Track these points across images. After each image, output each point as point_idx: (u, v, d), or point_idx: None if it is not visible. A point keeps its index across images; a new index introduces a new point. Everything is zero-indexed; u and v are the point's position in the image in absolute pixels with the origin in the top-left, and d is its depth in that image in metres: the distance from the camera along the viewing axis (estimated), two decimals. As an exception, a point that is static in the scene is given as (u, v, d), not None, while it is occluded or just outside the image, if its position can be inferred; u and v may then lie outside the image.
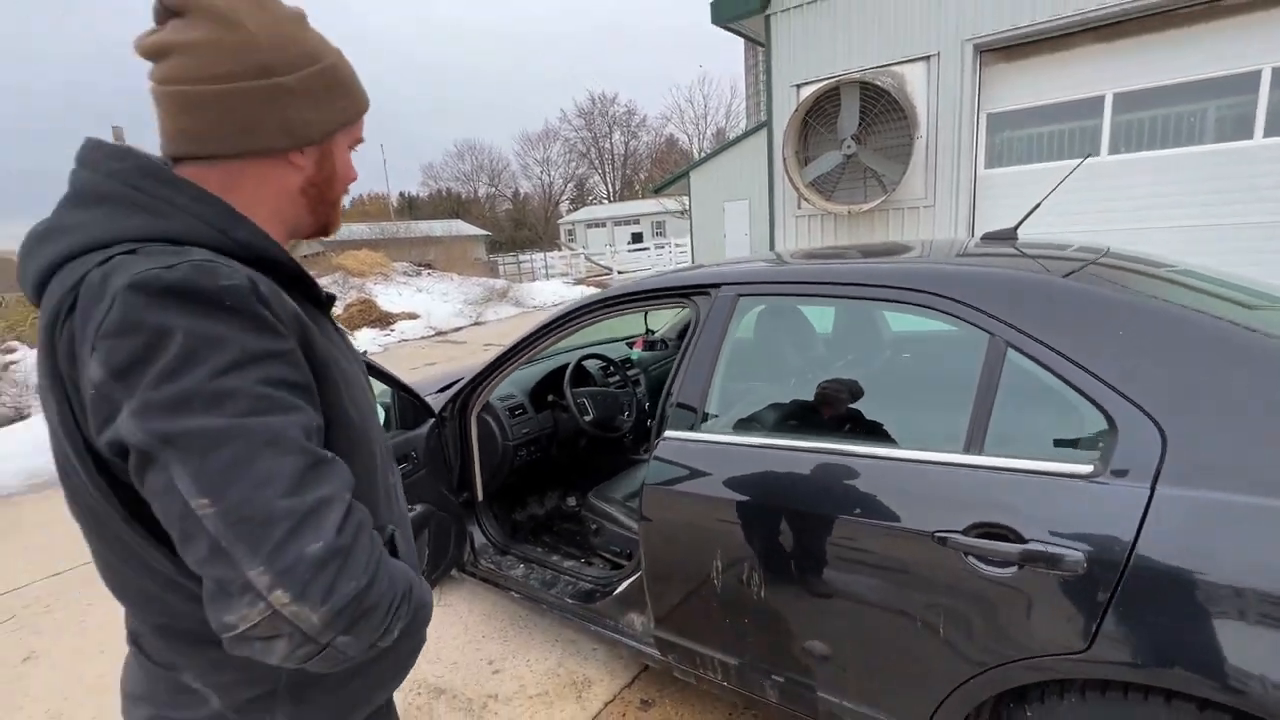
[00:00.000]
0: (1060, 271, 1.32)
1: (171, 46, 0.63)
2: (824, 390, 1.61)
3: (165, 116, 0.65)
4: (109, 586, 0.70)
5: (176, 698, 0.69)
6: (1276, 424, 1.02)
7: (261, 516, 0.52)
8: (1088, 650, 1.07)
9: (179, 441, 0.52)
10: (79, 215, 0.61)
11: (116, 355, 0.52)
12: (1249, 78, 4.63)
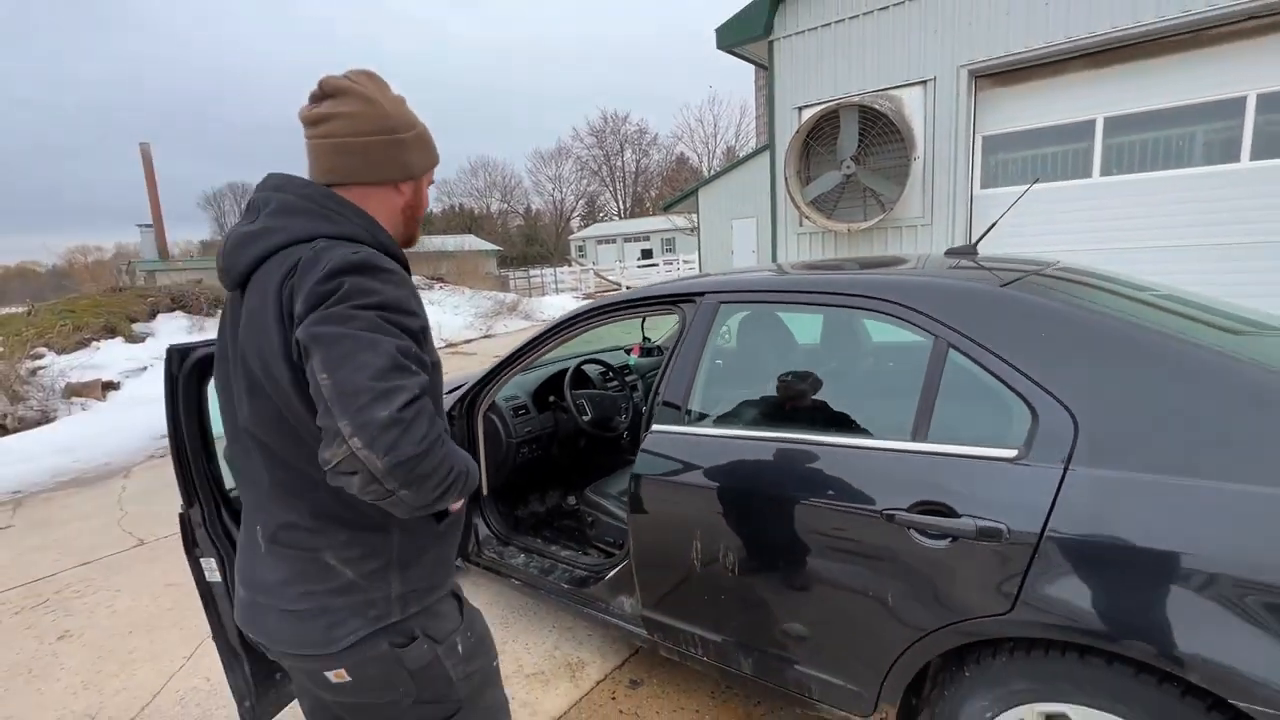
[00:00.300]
0: (999, 281, 1.49)
1: (331, 115, 0.97)
2: (783, 383, 1.78)
3: (324, 157, 0.98)
4: (279, 494, 0.97)
5: (321, 574, 0.96)
6: (1165, 411, 1.17)
7: (352, 389, 0.78)
8: (1010, 612, 1.22)
9: (318, 337, 0.81)
10: (285, 221, 0.93)
11: (312, 297, 0.84)
12: (1235, 103, 4.79)
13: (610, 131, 51.67)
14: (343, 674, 0.98)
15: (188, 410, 1.47)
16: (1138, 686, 1.14)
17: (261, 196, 0.97)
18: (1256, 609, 1.02)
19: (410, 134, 1.03)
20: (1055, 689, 1.23)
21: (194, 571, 1.64)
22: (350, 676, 0.98)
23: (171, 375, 1.43)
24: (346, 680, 0.99)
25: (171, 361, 1.44)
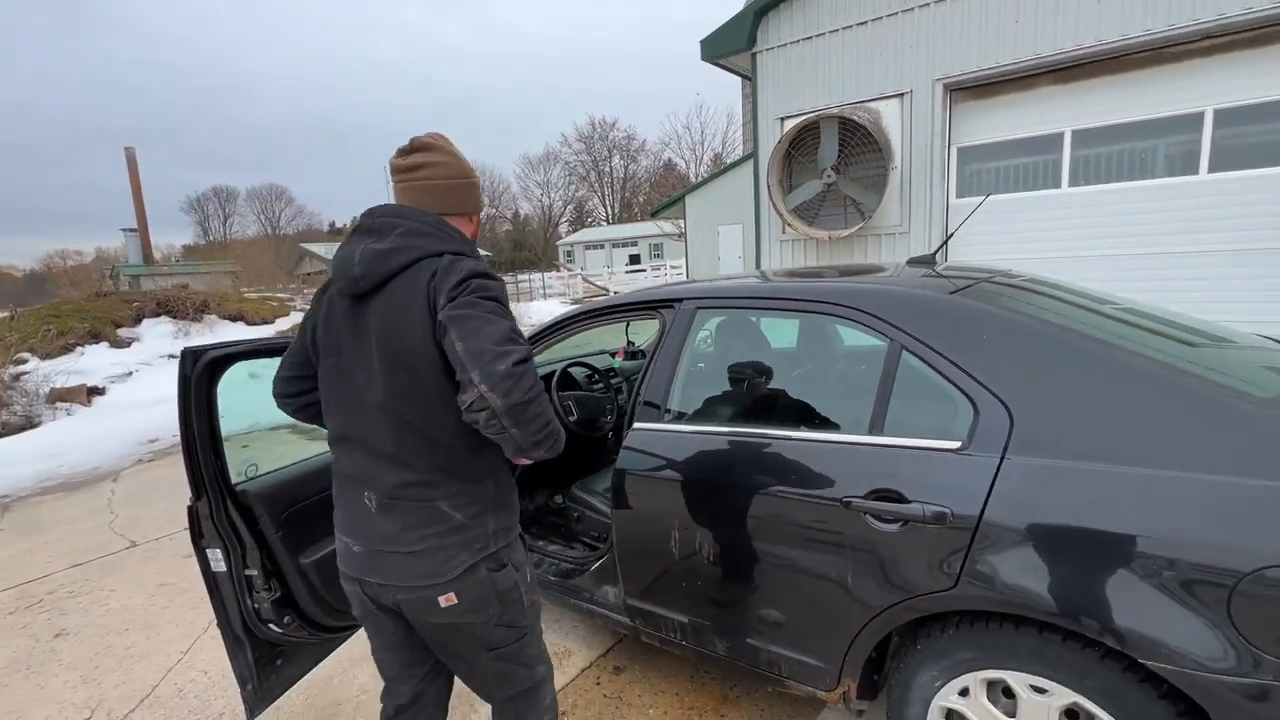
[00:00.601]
0: (950, 289, 1.63)
1: (425, 164, 1.28)
2: (752, 383, 1.91)
3: (428, 195, 1.28)
4: (404, 456, 1.22)
5: (436, 519, 1.23)
6: (1086, 404, 1.31)
7: (479, 350, 1.09)
8: (954, 587, 1.35)
9: (454, 317, 1.12)
10: (416, 241, 1.21)
11: (451, 293, 1.14)
12: (1193, 118, 5.02)
13: (598, 137, 51.90)
14: (452, 598, 1.24)
15: (199, 409, 1.57)
16: (1065, 652, 1.27)
17: (384, 222, 1.23)
18: (1161, 579, 1.15)
19: (476, 179, 1.38)
20: (995, 657, 1.36)
21: (200, 561, 1.73)
22: (457, 600, 1.25)
23: (185, 376, 1.53)
24: (454, 603, 1.25)
25: (185, 363, 1.54)
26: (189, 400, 1.55)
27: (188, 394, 1.54)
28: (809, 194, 6.62)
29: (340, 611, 1.93)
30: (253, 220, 60.97)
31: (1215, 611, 1.11)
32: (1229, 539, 1.12)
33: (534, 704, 1.41)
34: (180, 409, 1.55)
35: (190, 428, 1.57)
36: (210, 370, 1.57)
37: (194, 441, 1.58)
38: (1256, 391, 1.31)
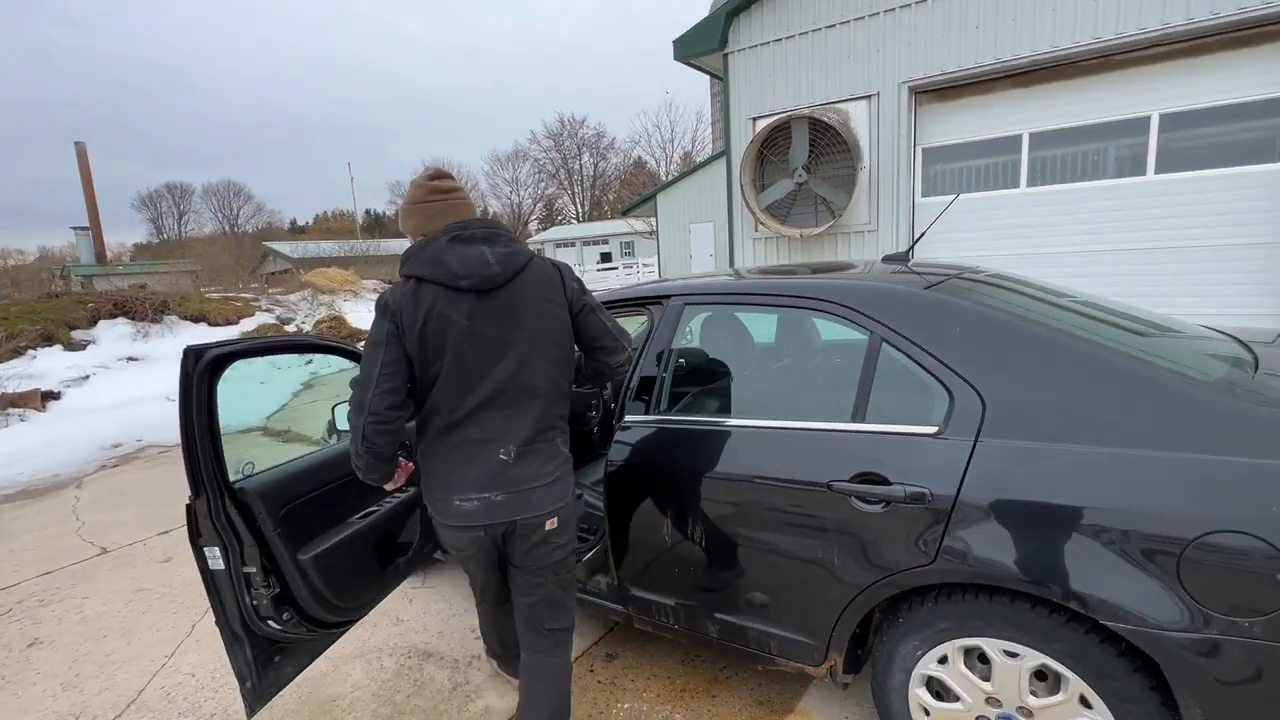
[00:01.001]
0: (924, 284, 1.73)
1: (457, 184, 1.64)
2: (721, 365, 1.99)
3: (471, 209, 1.62)
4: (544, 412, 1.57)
5: (558, 455, 1.62)
6: (1054, 391, 1.42)
7: (617, 327, 1.68)
8: (934, 562, 1.45)
9: (591, 304, 1.65)
10: (518, 246, 1.56)
11: (576, 283, 1.64)
12: (1141, 122, 5.30)
13: (568, 135, 51.65)
14: (554, 521, 1.58)
15: (199, 407, 1.57)
16: (1033, 618, 1.38)
17: (490, 231, 1.54)
18: (1119, 548, 1.27)
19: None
20: (970, 626, 1.47)
21: (198, 560, 1.74)
22: (557, 523, 1.59)
23: (187, 374, 1.54)
24: (554, 526, 1.59)
25: (188, 361, 1.54)
26: (190, 398, 1.55)
27: (189, 392, 1.55)
28: (781, 193, 6.76)
29: (338, 607, 1.95)
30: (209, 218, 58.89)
31: (1167, 575, 1.22)
32: (1176, 509, 1.23)
33: (567, 647, 1.73)
34: (181, 407, 1.56)
35: (191, 426, 1.58)
36: (212, 369, 1.58)
37: (194, 440, 1.59)
38: (1201, 376, 1.44)
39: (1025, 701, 1.43)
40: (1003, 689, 1.45)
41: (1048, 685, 1.42)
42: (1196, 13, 4.78)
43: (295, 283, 12.71)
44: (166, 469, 5.31)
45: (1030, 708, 1.43)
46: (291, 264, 14.24)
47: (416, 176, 1.79)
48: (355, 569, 2.02)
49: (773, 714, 1.97)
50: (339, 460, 2.06)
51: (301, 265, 14.66)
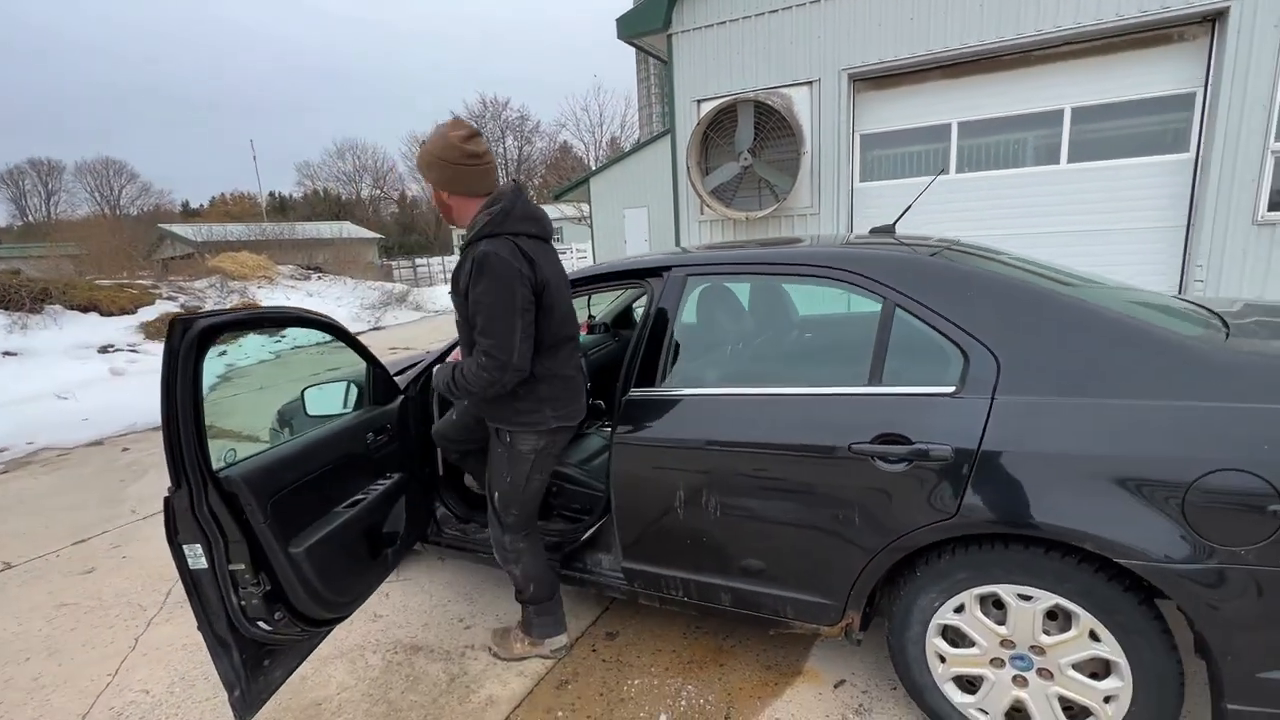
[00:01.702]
0: (926, 253, 1.79)
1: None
2: (729, 335, 2.00)
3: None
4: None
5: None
6: (1064, 348, 1.51)
7: None
8: (956, 515, 1.52)
9: None
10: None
11: None
12: (1055, 114, 5.73)
13: (490, 117, 49.93)
14: None
15: (184, 385, 1.40)
16: (1047, 562, 1.48)
17: (520, 190, 1.79)
18: (1128, 491, 1.37)
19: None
20: (988, 574, 1.55)
21: (176, 559, 1.56)
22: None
23: (173, 349, 1.36)
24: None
25: (174, 334, 1.37)
26: (175, 375, 1.38)
27: (174, 369, 1.37)
28: (726, 176, 6.84)
29: (332, 602, 1.81)
30: (84, 198, 52.83)
31: (1174, 513, 1.33)
32: (1179, 452, 1.34)
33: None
34: (164, 386, 1.38)
35: (174, 407, 1.40)
36: (200, 342, 1.41)
37: (177, 423, 1.41)
38: (1189, 332, 1.56)
39: (1038, 640, 1.53)
40: (1017, 631, 1.55)
41: (1058, 624, 1.52)
42: (1104, 14, 5.21)
43: (200, 268, 11.62)
44: (69, 473, 4.75)
45: (1043, 646, 1.53)
46: (194, 248, 13.00)
47: (447, 131, 1.68)
48: (348, 561, 1.89)
49: (782, 677, 2.01)
50: (325, 445, 1.91)
51: (206, 249, 13.43)
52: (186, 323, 1.40)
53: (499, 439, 1.94)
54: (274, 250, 13.79)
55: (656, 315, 2.01)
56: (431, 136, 1.78)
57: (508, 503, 1.99)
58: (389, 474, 2.20)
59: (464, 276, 1.72)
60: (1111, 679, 1.47)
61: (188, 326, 1.40)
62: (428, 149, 1.76)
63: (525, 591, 2.08)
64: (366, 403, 2.27)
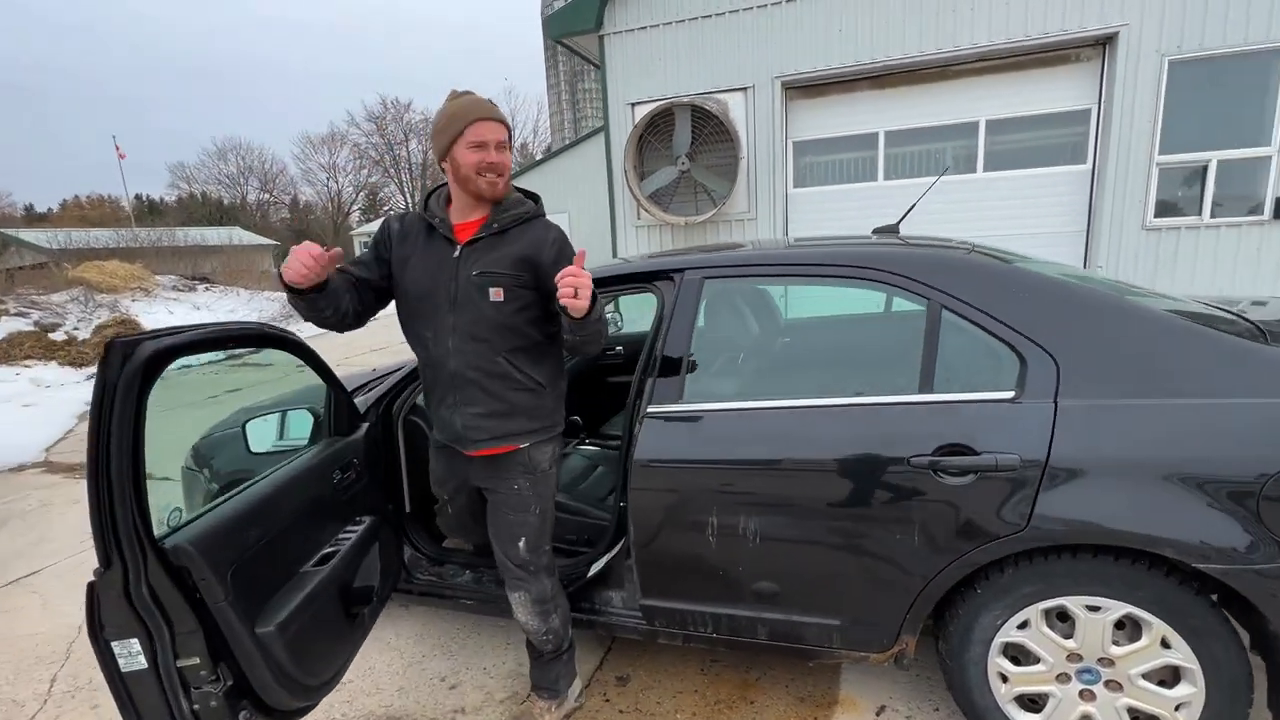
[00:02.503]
0: (964, 252, 1.72)
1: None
2: (760, 343, 1.85)
3: None
4: None
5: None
6: (1120, 349, 1.47)
7: None
8: (1027, 527, 1.43)
9: None
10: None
11: None
12: (971, 126, 6.09)
13: (392, 119, 47.58)
14: None
15: (122, 428, 1.05)
16: (1117, 570, 1.42)
17: None
18: (1202, 493, 1.34)
19: (435, 125, 1.58)
20: (1055, 586, 1.48)
21: (103, 663, 1.18)
22: None
23: (107, 381, 1.02)
24: None
25: (113, 361, 1.01)
26: (108, 416, 1.02)
27: (108, 408, 1.02)
28: (664, 180, 6.75)
29: (307, 687, 1.48)
30: (-110, 201, 44.95)
31: (1249, 514, 1.31)
32: (1249, 451, 1.32)
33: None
34: (93, 430, 1.02)
35: (106, 458, 1.04)
36: (145, 372, 1.06)
37: (108, 479, 1.06)
38: (1233, 330, 1.56)
39: (1108, 652, 1.47)
40: (1085, 643, 1.49)
41: (1126, 633, 1.47)
42: (1013, 34, 5.59)
43: (58, 279, 10.05)
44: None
45: (1112, 657, 1.47)
46: (47, 256, 11.23)
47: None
48: (322, 632, 1.55)
49: (819, 708, 1.87)
50: (288, 490, 1.56)
51: (63, 258, 11.69)
52: (129, 346, 1.06)
53: (516, 467, 1.67)
54: (150, 259, 12.18)
55: (674, 323, 1.82)
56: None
57: (539, 541, 1.73)
58: (359, 518, 1.86)
59: (549, 246, 1.59)
60: (1183, 686, 1.44)
61: (130, 351, 1.05)
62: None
63: (565, 640, 1.83)
64: (327, 433, 1.91)
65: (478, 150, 1.52)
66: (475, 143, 1.51)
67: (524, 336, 1.61)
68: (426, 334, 1.63)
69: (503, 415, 1.62)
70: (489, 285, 1.56)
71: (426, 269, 1.60)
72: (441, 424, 1.70)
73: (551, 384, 1.70)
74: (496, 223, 1.59)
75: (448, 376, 1.62)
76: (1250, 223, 5.31)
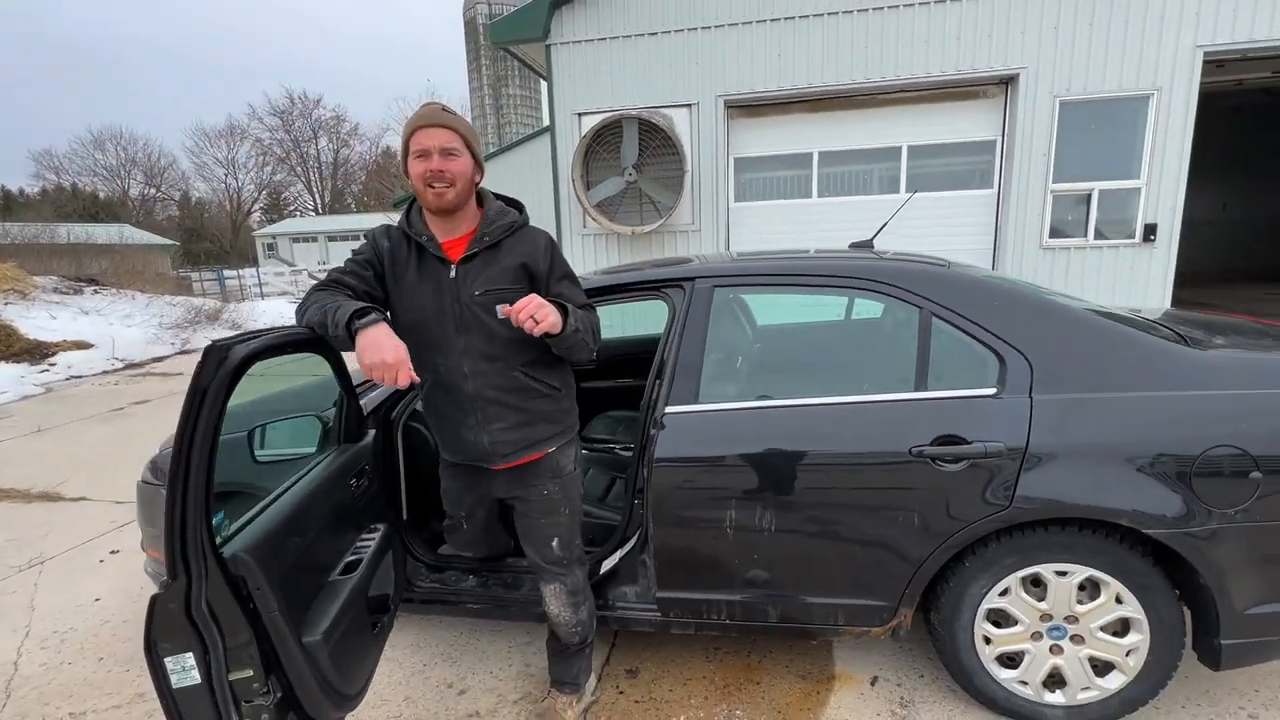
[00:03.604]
0: (943, 266, 1.95)
1: None
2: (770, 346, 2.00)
3: None
4: None
5: None
6: (1080, 350, 1.73)
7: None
8: (1010, 506, 1.65)
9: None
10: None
11: None
12: (895, 150, 6.63)
13: (299, 114, 44.95)
14: None
15: (204, 436, 1.02)
16: (1081, 539, 1.67)
17: None
18: (1150, 469, 1.60)
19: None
20: (1031, 556, 1.71)
21: (156, 679, 1.14)
22: None
23: (200, 388, 0.98)
24: None
25: (207, 365, 0.98)
26: (196, 422, 1.00)
27: (196, 412, 0.99)
28: (611, 190, 6.86)
29: (347, 697, 1.46)
30: None
31: (1185, 486, 1.58)
32: (1186, 433, 1.60)
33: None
34: (180, 436, 0.99)
35: (187, 467, 1.01)
36: (233, 377, 1.03)
37: (184, 489, 1.02)
38: (1164, 335, 1.86)
39: (1073, 610, 1.72)
40: (1055, 604, 1.72)
41: (1088, 594, 1.72)
42: (931, 69, 6.16)
43: (-90, 280, 8.79)
44: None
45: (1077, 614, 1.72)
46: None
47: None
48: (356, 641, 1.53)
49: (819, 683, 2.02)
50: (318, 496, 1.54)
51: (-86, 255, 10.21)
52: (223, 349, 1.03)
53: (545, 473, 1.70)
54: (28, 257, 10.83)
55: (687, 328, 1.93)
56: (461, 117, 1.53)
57: (571, 537, 1.78)
58: (373, 526, 1.83)
59: (543, 254, 1.59)
60: (1132, 635, 1.70)
61: (224, 355, 1.03)
62: (471, 129, 1.54)
63: (590, 633, 1.87)
64: (337, 440, 1.87)
65: (421, 160, 1.46)
66: (418, 152, 1.46)
67: (535, 347, 1.59)
68: (436, 359, 1.58)
69: (527, 425, 1.64)
70: (494, 303, 1.53)
71: (425, 293, 1.55)
72: (460, 445, 1.68)
73: (566, 386, 1.73)
74: (487, 235, 1.56)
75: (466, 399, 1.60)
76: (1125, 244, 6.12)
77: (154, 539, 2.14)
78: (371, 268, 1.58)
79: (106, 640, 2.44)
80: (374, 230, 1.62)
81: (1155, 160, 5.86)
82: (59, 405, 6.61)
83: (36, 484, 4.20)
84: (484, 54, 25.27)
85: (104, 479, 4.23)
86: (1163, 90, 5.72)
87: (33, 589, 2.84)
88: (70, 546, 3.25)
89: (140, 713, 2.03)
